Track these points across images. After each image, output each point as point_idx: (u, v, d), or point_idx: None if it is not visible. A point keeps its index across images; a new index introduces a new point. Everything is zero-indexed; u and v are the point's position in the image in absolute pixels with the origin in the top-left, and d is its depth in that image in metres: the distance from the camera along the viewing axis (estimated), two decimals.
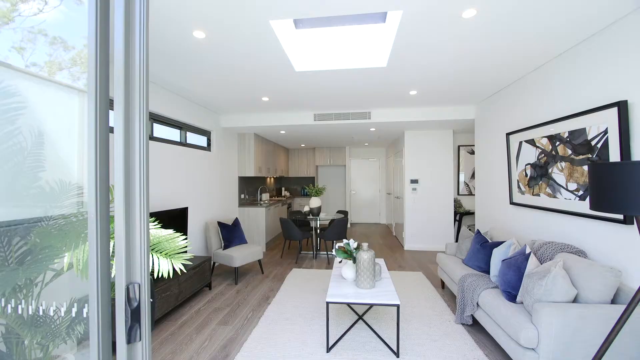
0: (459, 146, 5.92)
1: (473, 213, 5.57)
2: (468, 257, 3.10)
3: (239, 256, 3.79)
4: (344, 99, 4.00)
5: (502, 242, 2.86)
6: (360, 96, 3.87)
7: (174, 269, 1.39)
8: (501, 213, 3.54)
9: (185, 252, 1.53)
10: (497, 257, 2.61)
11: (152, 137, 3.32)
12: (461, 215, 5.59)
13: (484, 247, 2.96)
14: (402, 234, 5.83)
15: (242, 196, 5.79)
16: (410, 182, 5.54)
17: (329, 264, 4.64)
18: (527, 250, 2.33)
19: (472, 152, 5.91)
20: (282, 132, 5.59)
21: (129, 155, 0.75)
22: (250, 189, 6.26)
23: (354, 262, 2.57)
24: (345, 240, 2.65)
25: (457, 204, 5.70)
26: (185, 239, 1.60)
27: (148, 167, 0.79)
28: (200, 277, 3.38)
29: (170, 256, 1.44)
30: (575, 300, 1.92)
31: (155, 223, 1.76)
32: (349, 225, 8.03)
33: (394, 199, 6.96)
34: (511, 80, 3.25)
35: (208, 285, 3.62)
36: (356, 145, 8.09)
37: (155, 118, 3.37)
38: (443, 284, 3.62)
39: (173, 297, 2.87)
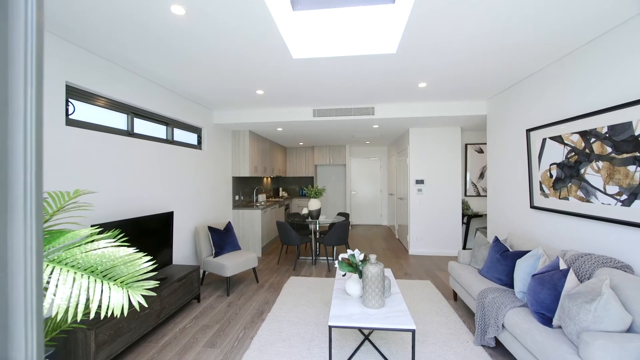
0: (466, 144, 5.60)
1: (482, 216, 5.25)
2: (486, 268, 2.78)
3: (230, 265, 3.44)
4: (346, 93, 3.66)
5: (525, 252, 2.54)
6: (364, 90, 3.53)
7: (130, 304, 1.05)
8: (520, 218, 3.22)
9: (151, 277, 1.19)
10: (523, 270, 2.29)
11: (132, 133, 2.97)
12: (469, 217, 5.28)
13: (504, 257, 2.64)
14: (406, 238, 5.51)
15: (237, 197, 5.45)
16: (415, 183, 5.21)
17: (329, 271, 4.31)
18: (562, 264, 2.01)
19: (481, 151, 5.59)
20: (279, 129, 5.25)
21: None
22: (245, 189, 5.91)
23: (360, 276, 2.23)
24: (349, 251, 2.31)
25: (464, 206, 5.37)
26: (153, 261, 1.26)
27: (40, 155, 0.45)
28: (187, 290, 3.04)
29: (128, 285, 1.10)
30: (629, 329, 1.59)
31: (117, 237, 1.42)
32: (349, 228, 7.69)
33: (396, 200, 6.63)
34: (532, 71, 2.92)
35: (196, 298, 3.28)
36: (357, 144, 7.75)
37: (136, 112, 3.02)
38: (455, 296, 3.30)
39: (153, 315, 2.53)
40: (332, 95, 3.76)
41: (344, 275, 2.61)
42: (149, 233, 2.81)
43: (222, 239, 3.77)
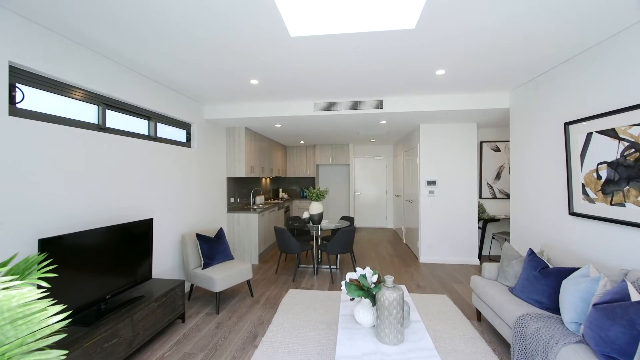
0: (481, 142, 5.15)
1: (499, 220, 4.81)
2: (520, 287, 2.34)
3: (221, 278, 3.02)
4: (351, 83, 3.23)
5: (571, 269, 2.10)
6: (372, 79, 3.09)
7: None
8: (555, 226, 2.77)
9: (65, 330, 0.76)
10: (576, 294, 1.84)
11: (104, 128, 2.55)
12: (485, 222, 4.83)
13: (544, 275, 2.19)
14: (416, 244, 5.06)
15: (232, 200, 5.02)
16: (426, 184, 4.77)
17: (332, 282, 3.88)
18: (633, 292, 1.57)
19: (497, 149, 5.14)
20: (278, 125, 4.82)
21: None
22: (243, 191, 5.49)
23: (373, 302, 1.80)
24: (359, 270, 1.88)
25: (480, 209, 4.92)
26: (69, 312, 0.82)
27: None
28: (168, 309, 2.61)
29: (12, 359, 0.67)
30: None
31: (41, 267, 1.01)
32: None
33: (404, 202, 6.19)
34: (575, 52, 2.47)
35: (181, 317, 2.86)
36: (361, 142, 7.31)
37: (109, 103, 2.60)
38: (479, 315, 2.86)
39: (123, 344, 2.10)
40: (336, 86, 3.32)
41: (352, 299, 2.17)
42: (122, 244, 2.38)
43: (213, 248, 3.34)
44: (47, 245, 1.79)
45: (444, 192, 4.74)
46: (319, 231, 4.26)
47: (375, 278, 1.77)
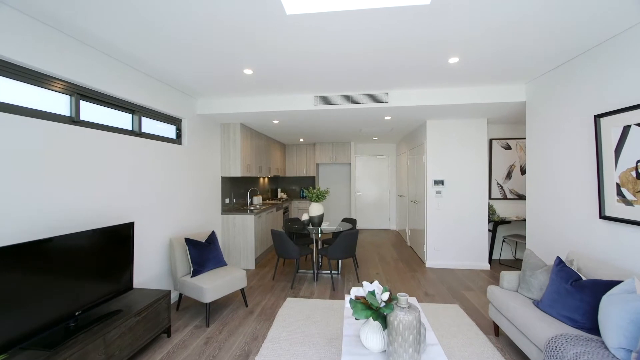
0: (490, 139, 4.87)
1: (510, 222, 4.52)
2: (549, 301, 2.06)
3: (211, 287, 2.74)
4: (354, 74, 2.95)
5: (610, 282, 1.82)
6: (378, 68, 2.81)
7: None
8: (583, 231, 2.49)
9: None
10: (623, 315, 1.56)
11: (77, 121, 2.27)
12: (495, 224, 4.54)
13: (578, 289, 1.91)
14: (422, 247, 4.78)
15: (227, 201, 4.74)
16: (433, 184, 4.48)
17: (334, 290, 3.60)
18: None
19: (508, 147, 4.85)
20: (276, 121, 4.53)
21: None
22: (239, 191, 5.21)
23: (384, 324, 1.52)
24: (366, 286, 1.60)
25: (490, 211, 4.64)
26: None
27: None
28: (150, 324, 2.33)
29: None
30: None
31: None
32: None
33: (408, 203, 5.91)
34: (608, 35, 2.19)
35: (166, 331, 2.58)
36: (363, 140, 7.02)
37: (83, 93, 2.32)
38: (496, 329, 2.58)
39: None
40: (338, 77, 3.04)
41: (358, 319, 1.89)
42: (96, 252, 2.10)
43: (203, 254, 3.06)
44: None
45: (452, 193, 4.45)
46: (319, 234, 3.98)
47: (386, 296, 1.49)
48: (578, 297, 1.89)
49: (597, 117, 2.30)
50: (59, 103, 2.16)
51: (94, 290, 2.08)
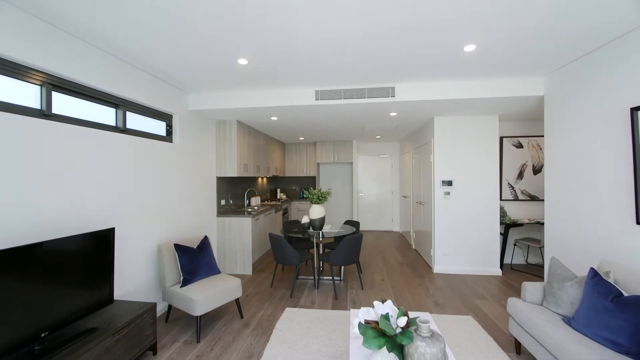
0: (501, 137, 4.62)
1: (522, 225, 4.27)
2: (584, 319, 1.80)
3: (202, 299, 2.49)
4: (359, 64, 2.69)
5: None
6: (384, 58, 2.56)
7: None
8: (616, 238, 2.23)
9: None
10: None
11: (49, 114, 2.01)
12: (507, 227, 4.29)
13: (620, 307, 1.66)
14: (429, 252, 4.53)
15: (223, 202, 4.49)
16: (441, 184, 4.23)
17: (336, 299, 3.35)
18: None
19: (519, 145, 4.60)
20: (274, 118, 4.28)
21: None
22: (237, 192, 4.96)
23: (401, 355, 1.26)
24: (378, 305, 1.35)
25: (501, 213, 4.39)
26: None
27: None
28: (133, 342, 2.08)
29: None
30: None
31: None
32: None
33: (413, 204, 5.65)
34: (635, 25, 1.94)
35: (152, 348, 2.33)
36: (365, 139, 6.77)
37: (57, 84, 2.06)
38: (518, 347, 2.32)
39: None
40: (340, 69, 2.79)
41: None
42: (67, 263, 1.85)
43: (194, 261, 2.81)
44: None
45: (461, 193, 4.20)
46: (320, 238, 3.73)
47: (403, 322, 1.23)
48: (620, 316, 1.64)
49: (634, 110, 2.04)
50: (27, 94, 1.90)
51: (66, 307, 1.83)
